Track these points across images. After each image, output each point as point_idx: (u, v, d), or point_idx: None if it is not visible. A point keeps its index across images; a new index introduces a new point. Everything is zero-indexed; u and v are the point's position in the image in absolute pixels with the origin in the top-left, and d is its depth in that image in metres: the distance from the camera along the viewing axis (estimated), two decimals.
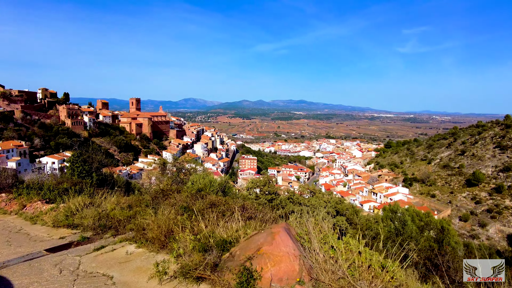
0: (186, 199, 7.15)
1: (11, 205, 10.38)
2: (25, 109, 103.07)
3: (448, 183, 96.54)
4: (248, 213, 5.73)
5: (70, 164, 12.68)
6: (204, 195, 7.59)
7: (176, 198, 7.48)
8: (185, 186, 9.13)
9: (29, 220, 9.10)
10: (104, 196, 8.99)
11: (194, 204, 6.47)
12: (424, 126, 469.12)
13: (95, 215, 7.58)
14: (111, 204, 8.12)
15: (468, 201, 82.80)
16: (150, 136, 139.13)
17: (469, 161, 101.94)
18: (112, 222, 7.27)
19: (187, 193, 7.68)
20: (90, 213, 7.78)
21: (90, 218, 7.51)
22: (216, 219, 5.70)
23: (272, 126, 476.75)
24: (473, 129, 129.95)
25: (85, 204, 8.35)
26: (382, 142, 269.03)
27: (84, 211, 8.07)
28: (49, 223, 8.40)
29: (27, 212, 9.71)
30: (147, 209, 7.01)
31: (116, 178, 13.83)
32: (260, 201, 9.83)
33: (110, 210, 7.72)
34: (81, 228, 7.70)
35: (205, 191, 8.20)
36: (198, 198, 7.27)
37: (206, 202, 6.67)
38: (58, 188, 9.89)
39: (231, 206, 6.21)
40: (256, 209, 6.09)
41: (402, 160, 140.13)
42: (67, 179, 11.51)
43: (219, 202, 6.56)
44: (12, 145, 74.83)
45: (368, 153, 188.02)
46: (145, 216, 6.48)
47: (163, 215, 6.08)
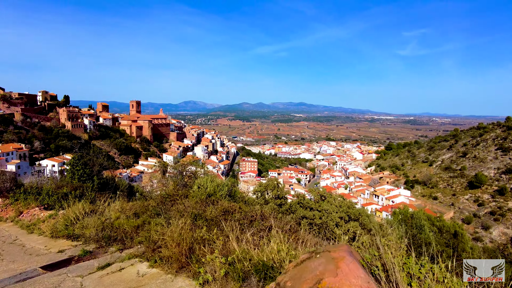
0: (196, 206, 6.62)
1: (7, 211, 9.77)
2: (25, 111, 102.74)
3: (450, 185, 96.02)
4: (269, 222, 5.17)
5: (70, 167, 12.12)
6: (215, 200, 7.08)
7: (184, 204, 6.92)
8: (191, 190, 8.60)
9: (25, 229, 8.45)
10: (107, 203, 8.37)
11: (205, 211, 5.97)
12: (424, 128, 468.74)
13: (98, 224, 6.83)
14: (115, 211, 7.44)
15: (470, 204, 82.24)
16: (151, 138, 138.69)
17: (471, 163, 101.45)
18: (117, 233, 6.49)
19: (196, 198, 7.16)
20: (92, 222, 7.01)
21: (92, 228, 6.76)
22: (241, 231, 4.87)
23: (272, 129, 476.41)
24: (474, 131, 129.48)
25: (86, 212, 7.70)
26: (383, 144, 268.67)
27: (85, 219, 7.34)
28: (47, 233, 7.71)
29: (23, 219, 9.08)
30: (157, 219, 6.39)
31: (118, 182, 13.28)
32: (269, 206, 9.35)
33: (115, 219, 7.03)
34: (83, 239, 6.92)
35: (215, 196, 7.66)
36: (208, 204, 6.70)
37: (219, 209, 6.12)
38: (58, 193, 9.34)
39: (248, 214, 5.60)
40: (275, 217, 5.57)
41: (403, 162, 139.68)
42: (67, 183, 11.01)
43: (233, 209, 6.02)
44: (12, 148, 74.45)
45: (369, 155, 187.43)
46: (156, 228, 5.73)
47: (177, 226, 5.24)
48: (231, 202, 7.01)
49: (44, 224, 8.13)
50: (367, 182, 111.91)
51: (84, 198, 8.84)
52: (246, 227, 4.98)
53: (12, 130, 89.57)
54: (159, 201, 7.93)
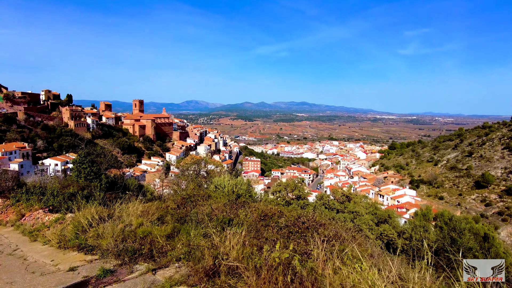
0: (225, 208, 5.74)
1: (7, 213, 8.76)
2: (28, 110, 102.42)
3: (456, 185, 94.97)
4: (329, 230, 4.28)
5: (76, 165, 11.26)
6: (244, 202, 6.27)
7: (212, 207, 5.93)
8: (208, 190, 7.81)
9: (27, 235, 7.35)
10: (124, 205, 7.13)
11: (237, 215, 5.14)
12: (427, 128, 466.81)
13: (117, 233, 5.55)
14: (135, 216, 6.14)
15: (477, 204, 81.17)
16: (154, 138, 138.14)
17: (477, 162, 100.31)
18: (143, 244, 5.21)
19: (223, 199, 6.32)
20: (109, 229, 5.76)
21: (110, 237, 5.49)
22: (305, 243, 3.69)
23: (274, 128, 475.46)
24: (479, 130, 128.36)
25: (100, 217, 6.43)
26: (385, 144, 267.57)
27: (100, 226, 6.09)
28: (53, 242, 6.50)
29: (26, 223, 8.02)
30: (187, 225, 5.34)
31: (128, 181, 12.42)
32: (292, 207, 8.59)
33: (137, 226, 5.76)
34: (99, 252, 5.62)
35: (245, 197, 6.82)
36: (239, 206, 5.88)
37: (256, 213, 5.16)
38: (64, 193, 8.43)
39: (295, 219, 4.64)
40: (332, 223, 4.76)
41: (408, 161, 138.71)
42: (72, 182, 10.19)
43: (272, 213, 5.09)
44: (15, 147, 74.09)
45: (372, 154, 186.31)
46: (197, 240, 4.54)
47: (235, 240, 3.77)
48: (269, 205, 6.18)
49: (50, 231, 7.04)
50: (372, 182, 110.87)
51: (93, 199, 7.97)
52: (300, 237, 4.12)
53: (15, 129, 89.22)
54: (179, 203, 7.01)
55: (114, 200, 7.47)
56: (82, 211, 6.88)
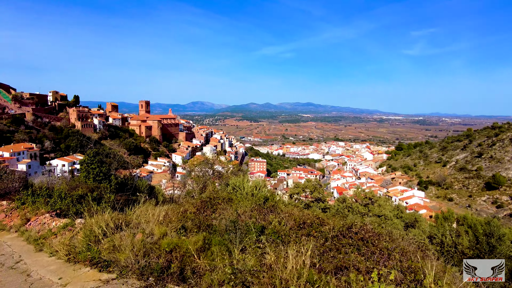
0: (252, 213, 5.08)
1: (12, 217, 8.10)
2: (36, 111, 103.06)
3: (466, 186, 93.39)
4: (382, 243, 3.63)
5: (85, 165, 10.72)
6: (273, 206, 5.54)
7: (238, 211, 5.24)
8: (228, 192, 7.22)
9: (32, 244, 6.57)
10: (141, 209, 6.17)
11: (269, 221, 4.55)
12: (433, 129, 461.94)
13: (138, 245, 4.63)
14: (157, 224, 5.25)
15: (488, 205, 79.62)
16: (160, 138, 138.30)
17: (487, 163, 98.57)
18: (170, 260, 4.32)
19: (249, 202, 5.71)
20: (127, 240, 4.87)
21: (128, 250, 4.65)
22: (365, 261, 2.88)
23: (279, 129, 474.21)
24: (489, 130, 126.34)
25: (116, 224, 5.53)
26: (392, 145, 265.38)
27: (116, 236, 5.22)
28: (61, 253, 5.71)
29: (31, 229, 7.30)
30: (222, 237, 4.48)
31: (138, 182, 11.88)
32: (312, 210, 8.03)
33: (160, 236, 4.92)
34: (116, 269, 4.80)
35: (273, 201, 6.22)
36: (267, 211, 5.21)
37: (292, 220, 4.50)
38: (72, 195, 7.82)
39: (337, 228, 4.06)
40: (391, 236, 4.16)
41: (415, 162, 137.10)
42: (80, 184, 9.69)
43: (310, 219, 4.45)
44: (23, 148, 74.49)
45: (379, 155, 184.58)
46: (238, 256, 3.80)
47: (295, 258, 2.99)
48: (305, 210, 5.59)
49: (57, 239, 6.23)
50: (379, 183, 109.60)
51: (103, 201, 7.35)
52: (354, 251, 3.53)
53: (23, 129, 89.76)
54: (198, 206, 6.24)
55: (126, 203, 6.89)
56: (94, 217, 6.06)
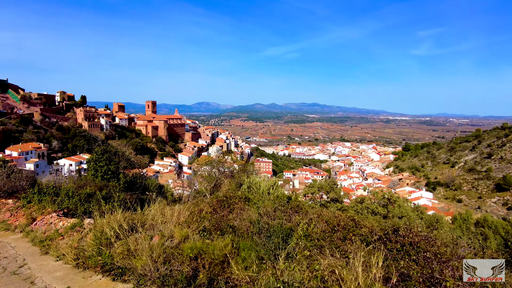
0: (275, 214, 4.63)
1: (17, 216, 7.68)
2: (44, 111, 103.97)
3: (475, 188, 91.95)
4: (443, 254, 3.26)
5: (93, 163, 10.41)
6: (298, 206, 5.15)
7: (261, 212, 4.73)
8: (241, 192, 6.84)
9: (38, 245, 6.09)
10: (157, 209, 5.51)
11: (291, 221, 4.17)
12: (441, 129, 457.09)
13: (158, 250, 4.03)
14: (177, 226, 4.63)
15: (499, 207, 78.20)
16: (166, 138, 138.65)
17: (497, 164, 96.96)
18: (196, 268, 3.79)
19: (272, 202, 5.31)
20: (144, 244, 4.25)
21: (146, 255, 4.04)
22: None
23: (285, 129, 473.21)
24: (498, 131, 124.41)
25: (130, 226, 4.89)
26: (399, 145, 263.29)
27: (130, 239, 4.61)
28: (68, 257, 5.19)
29: (36, 229, 6.84)
30: (251, 241, 3.99)
31: (148, 181, 11.52)
32: (318, 210, 7.60)
33: (181, 239, 4.35)
34: (132, 277, 4.20)
35: (296, 201, 5.81)
36: (291, 211, 4.81)
37: (321, 222, 4.09)
38: (79, 194, 7.44)
39: (378, 231, 3.70)
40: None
41: (423, 163, 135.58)
42: (88, 182, 9.39)
43: (343, 222, 4.00)
44: (31, 147, 75.15)
45: (386, 156, 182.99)
46: (286, 267, 3.34)
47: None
48: (337, 211, 5.20)
49: (65, 241, 5.72)
50: (387, 184, 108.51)
51: (112, 200, 6.89)
52: (403, 257, 3.09)
53: (31, 129, 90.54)
54: (215, 206, 5.77)
55: (136, 203, 6.50)
56: (105, 217, 5.44)
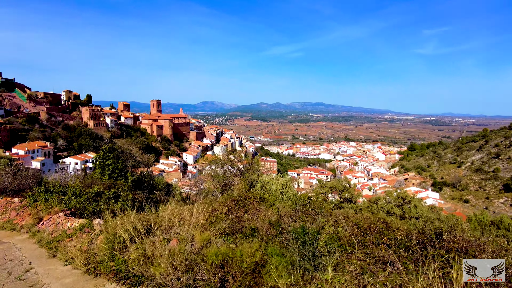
0: (296, 215, 4.30)
1: (23, 215, 7.38)
2: (50, 110, 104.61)
3: (482, 188, 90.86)
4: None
5: (100, 160, 10.20)
6: (319, 207, 4.64)
7: (281, 213, 4.42)
8: (256, 191, 6.54)
9: (45, 247, 5.72)
10: (168, 209, 5.04)
11: (314, 223, 3.86)
12: (446, 129, 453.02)
13: (179, 256, 3.56)
14: (197, 228, 4.14)
15: (507, 208, 77.18)
16: (171, 137, 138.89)
17: (505, 164, 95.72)
18: (224, 277, 3.43)
19: (291, 202, 5.02)
20: (162, 248, 3.78)
21: (165, 262, 3.58)
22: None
23: (289, 129, 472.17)
24: (506, 131, 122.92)
25: (147, 227, 4.40)
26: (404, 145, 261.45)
27: (146, 242, 4.16)
28: (78, 261, 4.77)
29: (43, 229, 6.48)
30: (294, 247, 3.54)
31: (156, 180, 11.27)
32: (344, 212, 7.31)
33: (203, 244, 3.88)
34: (151, 287, 3.77)
35: (316, 201, 5.48)
36: (313, 212, 4.44)
37: (348, 224, 3.78)
38: (87, 193, 7.15)
39: (415, 234, 3.41)
40: None
41: (429, 163, 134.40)
42: (95, 180, 9.18)
43: (375, 224, 3.67)
44: (37, 146, 75.66)
45: (391, 156, 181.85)
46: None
47: None
48: (368, 213, 4.88)
49: (73, 243, 5.31)
50: (392, 184, 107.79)
51: (121, 199, 6.53)
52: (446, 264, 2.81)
53: (37, 128, 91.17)
54: (230, 206, 5.33)
55: (148, 202, 6.22)
56: (118, 217, 4.93)
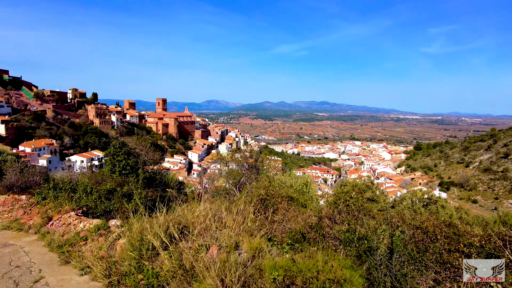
0: (340, 217, 3.77)
1: (31, 214, 6.81)
2: (56, 108, 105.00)
3: (491, 188, 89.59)
4: None
5: (110, 157, 9.72)
6: (362, 207, 4.24)
7: (323, 213, 3.92)
8: (284, 190, 5.99)
9: (56, 251, 5.06)
10: (197, 209, 4.24)
11: (362, 226, 3.31)
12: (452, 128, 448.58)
13: (233, 271, 2.79)
14: (245, 235, 3.43)
15: None
16: (176, 136, 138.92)
17: None
18: None
19: (329, 202, 4.50)
20: (205, 259, 3.06)
21: (213, 277, 2.80)
22: None
23: (294, 128, 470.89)
24: None
25: (181, 231, 3.66)
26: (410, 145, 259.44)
27: (178, 247, 3.48)
28: (97, 271, 4.02)
29: (54, 230, 5.83)
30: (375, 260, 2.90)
31: (167, 177, 10.75)
32: (397, 212, 6.75)
33: (255, 253, 3.13)
34: None
35: (358, 200, 4.97)
36: (358, 213, 4.05)
37: (407, 227, 3.26)
38: (99, 190, 6.62)
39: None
40: None
41: (436, 163, 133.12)
42: (106, 177, 8.77)
43: (436, 227, 3.18)
44: (44, 143, 76.02)
45: (397, 155, 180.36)
46: None
47: None
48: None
49: (88, 247, 4.60)
50: (399, 183, 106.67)
51: (135, 198, 5.87)
52: None
53: (44, 126, 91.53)
54: (258, 206, 4.67)
55: (158, 200, 5.75)
56: (144, 219, 4.11)
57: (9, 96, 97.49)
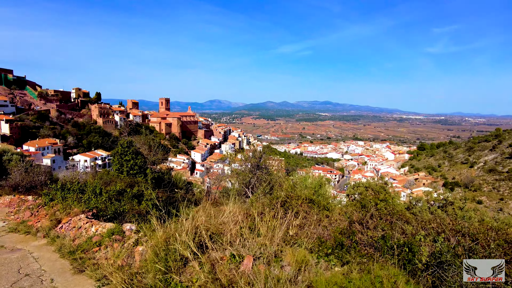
0: (371, 221, 3.52)
1: (38, 216, 6.44)
2: (60, 108, 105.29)
3: (496, 189, 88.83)
4: None
5: (118, 156, 9.45)
6: (392, 211, 4.10)
7: (355, 217, 3.64)
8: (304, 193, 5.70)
9: (67, 258, 4.61)
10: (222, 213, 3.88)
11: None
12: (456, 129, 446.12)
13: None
14: (288, 247, 3.02)
15: None
16: (179, 135, 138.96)
17: None
18: None
19: (355, 206, 4.24)
20: (247, 274, 2.65)
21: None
22: None
23: (297, 128, 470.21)
24: None
25: (211, 237, 3.26)
26: (413, 145, 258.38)
27: (208, 258, 3.10)
28: (116, 283, 3.56)
29: (63, 234, 5.43)
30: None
31: (175, 177, 10.49)
32: (436, 217, 6.48)
33: (300, 267, 2.71)
34: None
35: (389, 204, 4.73)
36: (393, 218, 3.78)
37: (450, 231, 3.03)
38: (108, 191, 6.26)
39: None
40: None
41: (439, 163, 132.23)
42: (114, 177, 8.53)
43: (481, 232, 2.91)
44: (48, 143, 76.24)
45: (400, 155, 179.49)
46: None
47: None
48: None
49: (103, 254, 4.09)
50: (402, 184, 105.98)
51: (146, 198, 5.46)
52: None
53: (48, 125, 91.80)
54: (278, 210, 4.21)
55: (168, 202, 5.49)
56: (170, 224, 3.63)
57: (13, 96, 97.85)
